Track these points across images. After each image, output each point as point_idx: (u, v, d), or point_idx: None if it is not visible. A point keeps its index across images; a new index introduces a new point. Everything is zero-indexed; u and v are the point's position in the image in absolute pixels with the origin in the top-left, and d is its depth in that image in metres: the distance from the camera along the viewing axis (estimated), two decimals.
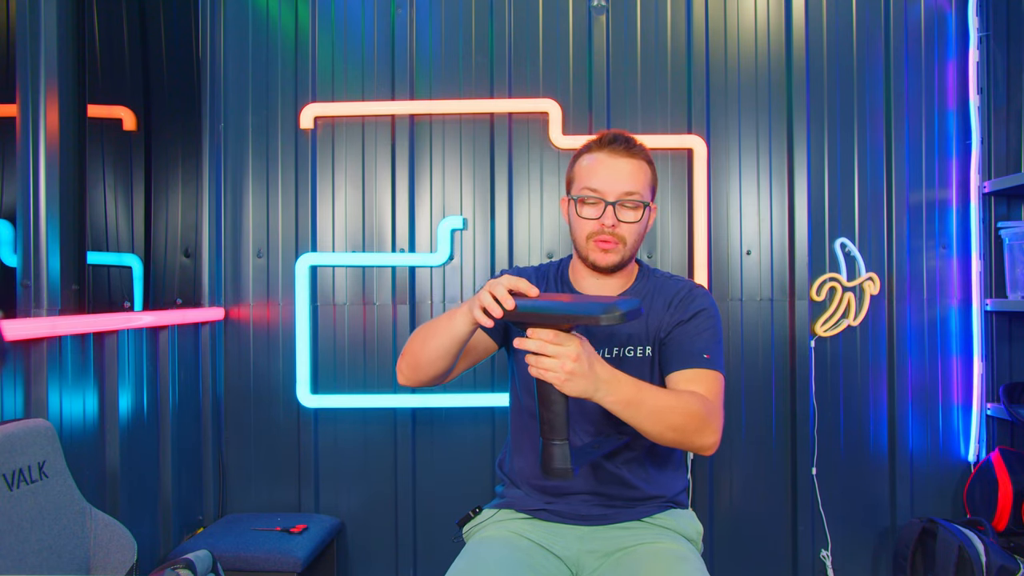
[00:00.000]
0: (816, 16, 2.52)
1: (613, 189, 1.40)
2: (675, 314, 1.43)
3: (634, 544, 1.41)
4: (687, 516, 1.52)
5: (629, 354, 1.44)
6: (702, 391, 1.34)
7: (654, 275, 1.53)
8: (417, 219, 2.54)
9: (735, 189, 2.52)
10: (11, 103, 1.72)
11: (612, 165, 1.41)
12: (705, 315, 1.43)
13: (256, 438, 2.52)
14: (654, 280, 1.51)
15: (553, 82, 2.53)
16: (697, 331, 1.41)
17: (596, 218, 1.41)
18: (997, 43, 2.49)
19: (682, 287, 1.48)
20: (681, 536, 1.46)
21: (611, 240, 1.41)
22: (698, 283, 1.50)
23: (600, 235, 1.41)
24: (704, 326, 1.42)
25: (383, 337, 2.53)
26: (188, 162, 2.43)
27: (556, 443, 1.17)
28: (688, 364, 1.38)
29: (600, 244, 1.42)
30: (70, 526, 1.52)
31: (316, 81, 2.55)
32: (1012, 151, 2.45)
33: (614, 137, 1.44)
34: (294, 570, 2.05)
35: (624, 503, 1.47)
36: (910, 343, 2.50)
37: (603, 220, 1.40)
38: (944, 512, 2.49)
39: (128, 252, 2.13)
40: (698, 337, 1.40)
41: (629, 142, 1.43)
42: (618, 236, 1.41)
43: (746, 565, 2.50)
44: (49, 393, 1.68)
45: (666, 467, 1.51)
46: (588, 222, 1.42)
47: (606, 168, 1.41)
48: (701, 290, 1.48)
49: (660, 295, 1.48)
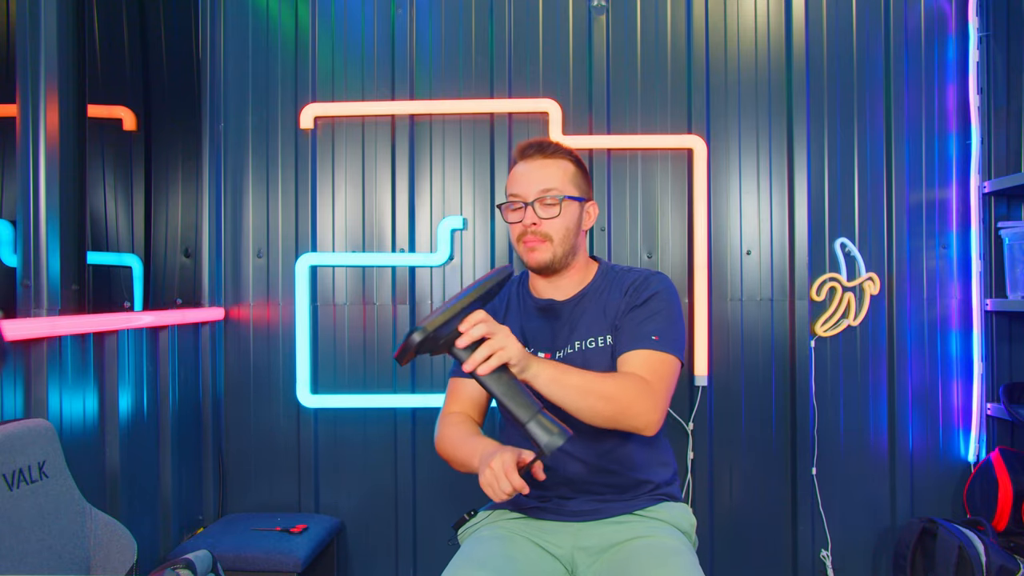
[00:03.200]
0: (816, 16, 2.52)
1: (530, 190, 1.46)
2: (630, 300, 1.47)
3: (626, 539, 1.41)
4: (680, 508, 1.52)
5: (591, 345, 1.47)
6: (644, 372, 1.37)
7: (613, 270, 1.56)
8: (417, 219, 2.54)
9: (735, 189, 2.52)
10: (11, 103, 1.72)
11: (528, 168, 1.48)
12: (657, 298, 1.45)
13: (256, 438, 2.52)
14: (613, 275, 1.54)
15: (553, 82, 2.53)
16: (649, 314, 1.43)
17: (519, 220, 1.48)
18: (997, 43, 2.49)
19: (638, 275, 1.51)
20: (675, 528, 1.46)
21: (535, 238, 1.46)
22: (657, 271, 1.54)
23: (525, 236, 1.47)
24: (656, 308, 1.44)
25: (383, 337, 2.53)
26: (188, 162, 2.43)
27: (532, 421, 1.18)
28: (634, 346, 1.40)
29: (527, 244, 1.47)
30: (70, 526, 1.52)
31: (316, 81, 2.55)
32: (1012, 151, 2.45)
33: (529, 144, 1.50)
34: (294, 570, 2.05)
35: (613, 492, 1.47)
36: (910, 343, 2.50)
37: (524, 221, 1.46)
38: (944, 512, 2.49)
39: (128, 252, 2.13)
40: (649, 320, 1.43)
41: (544, 146, 1.49)
42: (542, 234, 1.46)
43: (746, 565, 2.50)
44: (49, 393, 1.68)
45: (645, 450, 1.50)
46: (515, 226, 1.49)
47: (523, 172, 1.48)
48: (658, 276, 1.50)
49: (617, 286, 1.51)
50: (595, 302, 1.51)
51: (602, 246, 2.51)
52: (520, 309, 1.58)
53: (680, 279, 2.50)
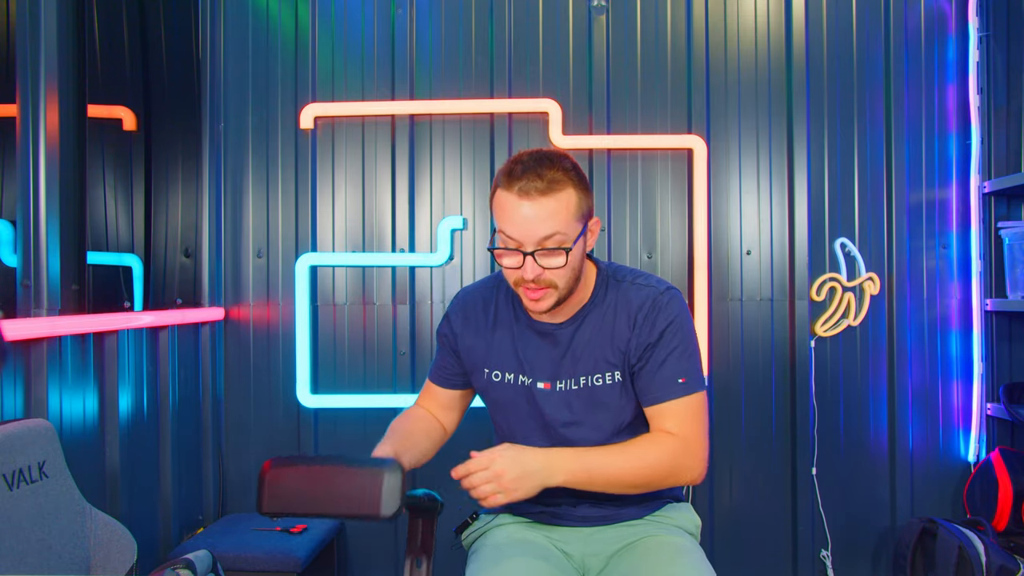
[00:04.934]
0: (816, 16, 2.52)
1: (529, 237, 1.23)
2: (641, 335, 1.33)
3: (635, 539, 1.41)
4: (684, 509, 1.51)
5: (598, 382, 1.36)
6: (674, 425, 1.31)
7: (614, 278, 1.39)
8: (417, 219, 2.54)
9: (735, 189, 2.52)
10: (11, 103, 1.72)
11: (524, 210, 1.22)
12: (672, 329, 1.32)
13: (256, 438, 2.52)
14: (615, 285, 1.38)
15: (553, 82, 2.53)
16: (667, 352, 1.32)
17: (516, 267, 1.26)
18: (997, 43, 2.49)
19: (644, 300, 1.34)
20: (681, 529, 1.46)
21: (538, 288, 1.27)
22: (663, 285, 1.37)
23: (525, 284, 1.27)
24: (673, 343, 1.32)
25: (383, 337, 2.53)
26: (188, 162, 2.43)
27: None
28: (663, 397, 1.32)
29: (528, 294, 1.28)
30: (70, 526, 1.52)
31: (316, 81, 2.55)
32: (1012, 151, 2.45)
33: (523, 171, 1.23)
34: (294, 570, 2.05)
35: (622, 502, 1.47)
36: (910, 343, 2.50)
37: (524, 272, 1.25)
38: (944, 512, 2.49)
39: (128, 252, 2.13)
40: (669, 360, 1.32)
41: (542, 175, 1.22)
42: (546, 282, 1.26)
43: (746, 565, 2.50)
44: (49, 393, 1.68)
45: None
46: (511, 271, 1.28)
47: (518, 213, 1.23)
48: (665, 297, 1.34)
49: (623, 306, 1.35)
50: (598, 324, 1.36)
51: (602, 246, 2.51)
52: (511, 325, 1.42)
53: (680, 279, 2.50)
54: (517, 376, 1.40)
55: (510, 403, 1.42)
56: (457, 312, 1.48)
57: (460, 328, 1.46)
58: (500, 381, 1.42)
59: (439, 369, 1.52)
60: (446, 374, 1.51)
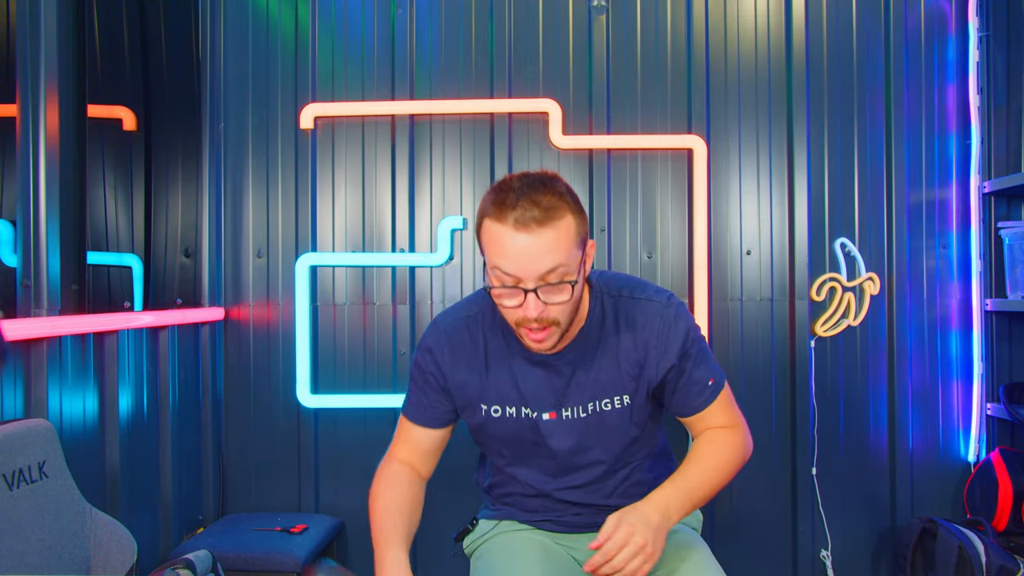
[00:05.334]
0: (816, 16, 2.52)
1: (530, 272, 1.14)
2: (661, 360, 1.29)
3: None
4: None
5: (607, 407, 1.32)
6: (722, 420, 1.37)
7: (609, 295, 1.33)
8: (417, 219, 2.54)
9: (735, 189, 2.52)
10: (11, 103, 1.72)
11: (522, 242, 1.12)
12: (687, 343, 1.30)
13: (256, 438, 2.52)
14: (612, 307, 1.32)
15: (553, 82, 2.53)
16: (692, 366, 1.31)
17: (517, 305, 1.17)
18: (997, 43, 2.49)
19: (651, 319, 1.29)
20: (683, 524, 1.47)
21: (541, 328, 1.19)
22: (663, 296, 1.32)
23: (527, 323, 1.19)
24: (692, 354, 1.31)
25: (383, 337, 2.53)
26: (188, 162, 2.43)
27: None
28: (701, 406, 1.35)
29: (530, 334, 1.20)
30: (70, 526, 1.52)
31: (316, 81, 2.55)
32: (1012, 151, 2.45)
33: (517, 199, 1.13)
34: (294, 570, 2.05)
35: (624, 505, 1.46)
36: (910, 343, 2.50)
37: (527, 311, 1.16)
38: (944, 512, 2.49)
39: (128, 252, 2.13)
40: (694, 373, 1.31)
41: (538, 202, 1.12)
42: (549, 320, 1.18)
43: (746, 565, 2.50)
44: (49, 393, 1.68)
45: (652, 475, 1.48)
46: (510, 310, 1.19)
47: (515, 247, 1.13)
48: (671, 312, 1.30)
49: (626, 329, 1.30)
50: (602, 347, 1.31)
51: (602, 246, 2.51)
52: (507, 359, 1.33)
53: (680, 279, 2.50)
54: (520, 409, 1.34)
55: (512, 436, 1.37)
56: (442, 347, 1.36)
57: (449, 364, 1.35)
58: (501, 416, 1.35)
59: (422, 408, 1.39)
60: (434, 413, 1.39)
